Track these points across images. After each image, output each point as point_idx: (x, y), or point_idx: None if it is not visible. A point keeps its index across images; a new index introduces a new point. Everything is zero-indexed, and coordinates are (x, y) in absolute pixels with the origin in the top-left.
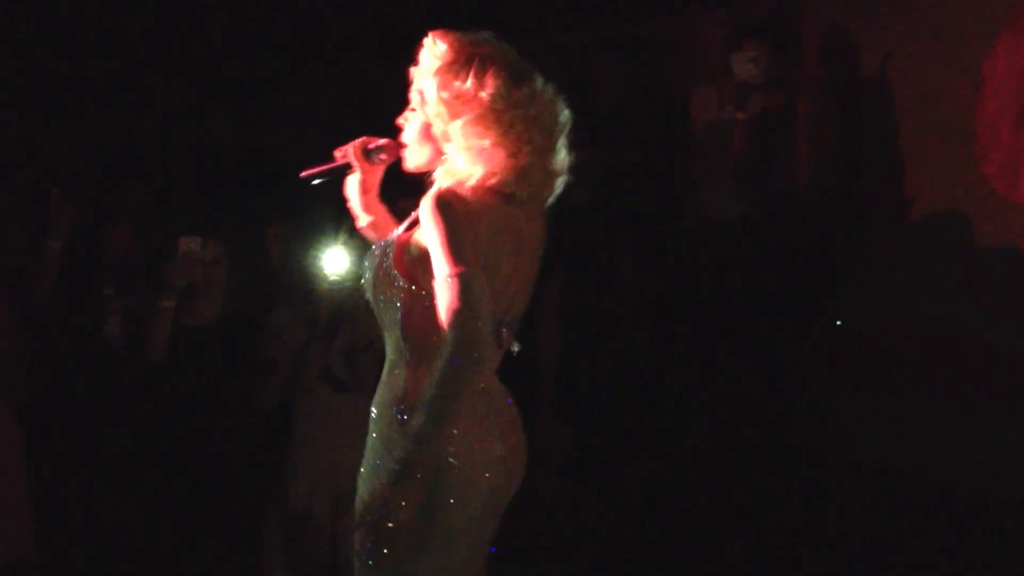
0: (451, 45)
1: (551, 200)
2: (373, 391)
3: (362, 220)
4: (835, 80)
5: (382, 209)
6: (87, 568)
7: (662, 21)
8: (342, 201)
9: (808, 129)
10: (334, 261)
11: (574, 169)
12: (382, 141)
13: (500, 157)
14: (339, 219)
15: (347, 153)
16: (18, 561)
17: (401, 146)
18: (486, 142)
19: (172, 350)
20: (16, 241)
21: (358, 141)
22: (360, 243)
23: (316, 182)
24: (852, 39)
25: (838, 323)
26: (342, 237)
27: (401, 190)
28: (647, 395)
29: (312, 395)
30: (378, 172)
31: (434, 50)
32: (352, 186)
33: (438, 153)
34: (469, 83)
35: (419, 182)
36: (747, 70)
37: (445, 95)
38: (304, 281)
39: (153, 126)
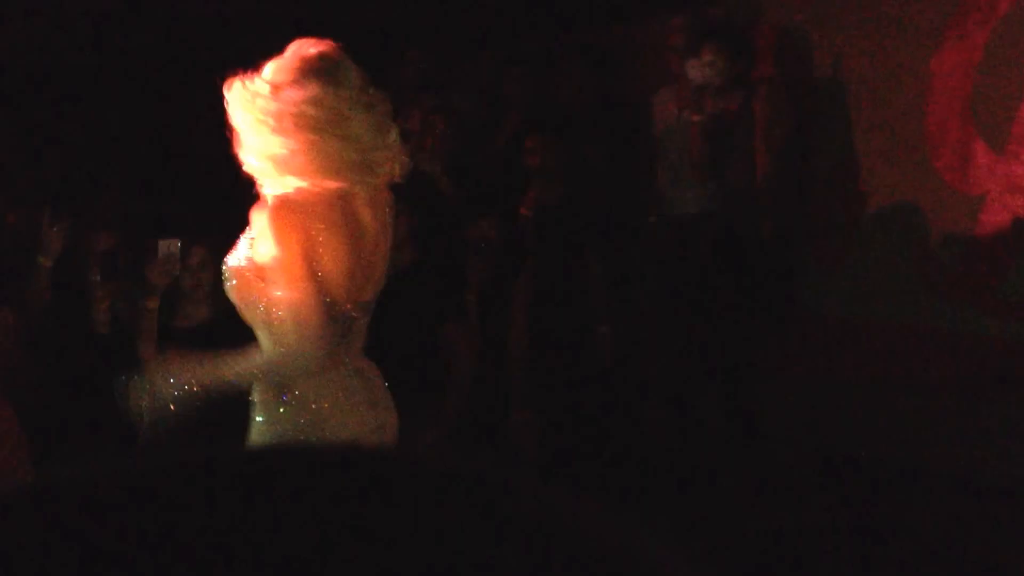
0: (250, 80)
1: (393, 176)
2: None
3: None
4: (789, 79)
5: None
6: None
7: (625, 29)
8: None
9: (764, 128)
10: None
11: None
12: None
13: (317, 158)
14: None
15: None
16: None
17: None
18: (310, 146)
19: (163, 351)
20: (5, 258)
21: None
22: None
23: None
24: (804, 39)
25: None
26: None
27: None
28: (613, 387)
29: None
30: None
31: (237, 93)
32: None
33: (275, 168)
34: (291, 94)
35: None
36: (704, 74)
37: (263, 110)
38: None
39: (139, 131)
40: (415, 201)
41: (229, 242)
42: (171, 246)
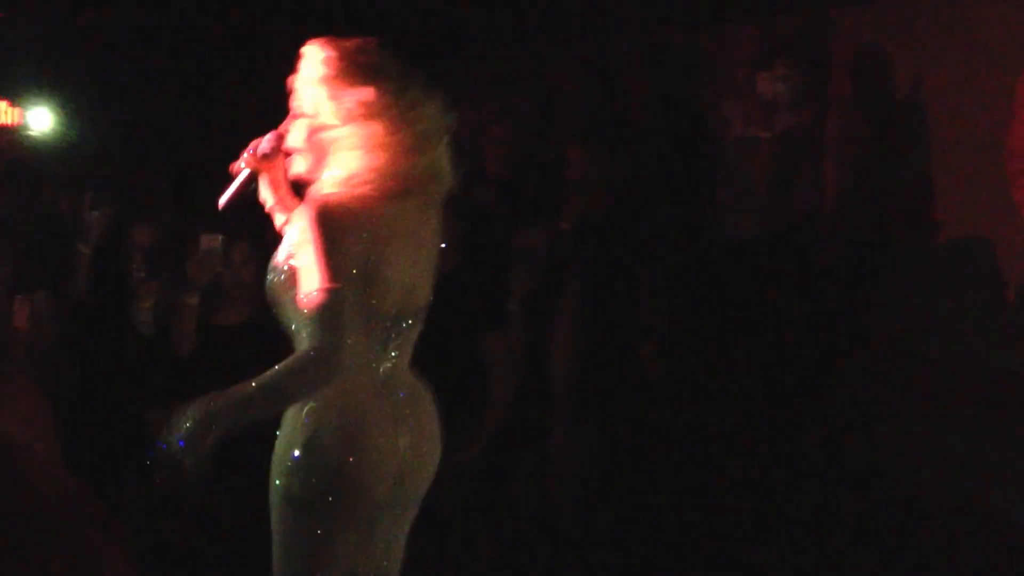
0: (337, 53)
1: (445, 196)
2: None
3: (281, 219)
4: (865, 99)
5: (297, 201)
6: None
7: (692, 37)
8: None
9: (836, 148)
10: None
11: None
12: (267, 137)
13: (383, 159)
14: None
15: (244, 162)
16: None
17: (289, 152)
18: (372, 145)
19: (202, 348)
20: (52, 244)
21: (249, 147)
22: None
23: (224, 200)
24: (883, 57)
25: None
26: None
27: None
28: (666, 412)
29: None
30: (279, 166)
31: (319, 57)
32: (264, 190)
33: (322, 159)
34: (357, 89)
35: None
36: (776, 88)
37: (334, 102)
38: None
39: (186, 123)
40: (458, 205)
41: (273, 239)
42: (213, 241)
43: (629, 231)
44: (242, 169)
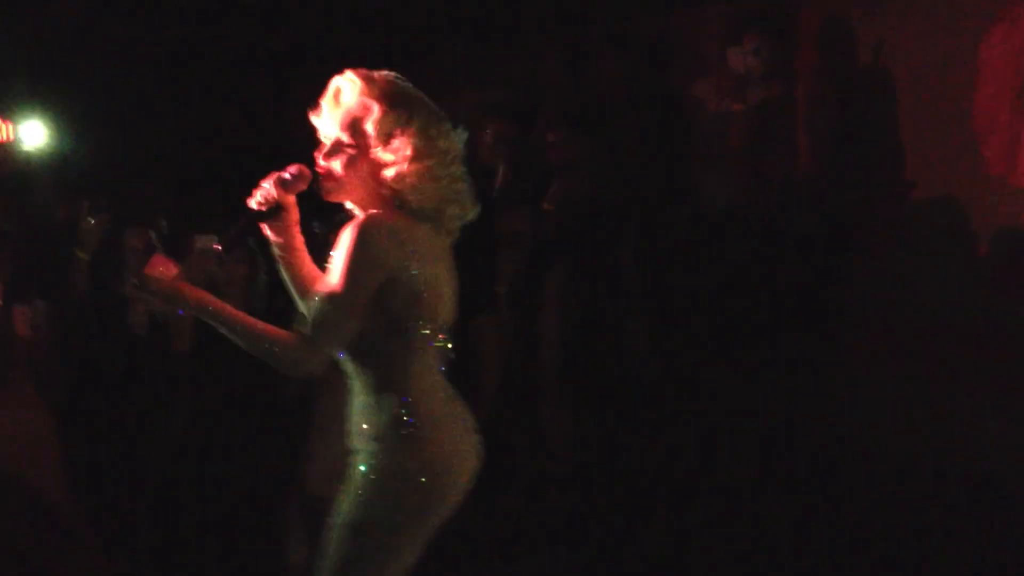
0: (375, 84)
1: (458, 221)
2: None
3: (287, 260)
4: (833, 69)
5: (301, 240)
6: (119, 543)
7: (663, 16)
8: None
9: (807, 118)
10: None
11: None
12: (293, 169)
13: (417, 184)
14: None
15: (265, 197)
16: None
17: (327, 178)
18: (413, 172)
19: (198, 344)
20: (47, 250)
21: (271, 180)
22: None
23: (231, 238)
24: (849, 28)
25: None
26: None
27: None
28: (647, 385)
29: (329, 385)
30: (293, 202)
31: (356, 88)
32: (277, 226)
33: (364, 183)
34: (399, 118)
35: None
36: (747, 62)
37: (378, 129)
38: None
39: (174, 128)
40: None
41: (265, 241)
42: (208, 241)
43: (611, 209)
44: (262, 204)
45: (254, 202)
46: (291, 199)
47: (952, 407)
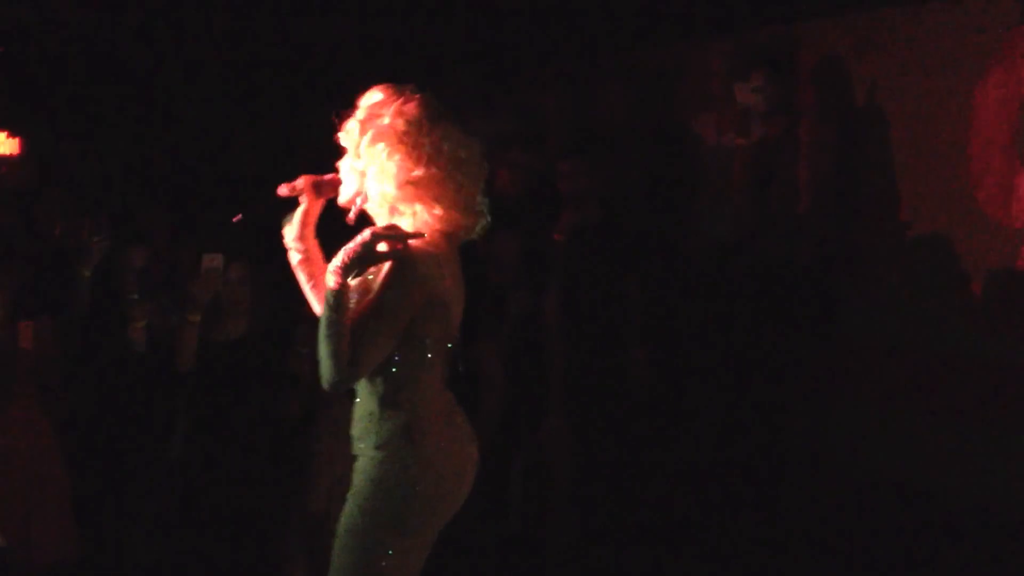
0: (402, 95)
1: (472, 233)
2: None
3: (296, 255)
4: (831, 108)
5: (316, 243)
6: (120, 566)
7: (664, 52)
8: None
9: (807, 155)
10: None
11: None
12: (329, 176)
13: (453, 202)
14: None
15: (296, 188)
16: (60, 561)
17: (351, 185)
18: (435, 179)
19: (201, 364)
20: (48, 268)
21: (307, 176)
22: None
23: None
24: (845, 67)
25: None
26: None
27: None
28: (649, 409)
29: (330, 406)
30: (319, 206)
31: (385, 99)
32: (295, 219)
33: (387, 191)
34: (423, 127)
35: None
36: (751, 98)
37: (403, 137)
38: None
39: (178, 149)
40: None
41: (268, 257)
42: (214, 260)
43: (618, 239)
44: (292, 192)
45: (283, 189)
46: (318, 201)
47: (937, 434)
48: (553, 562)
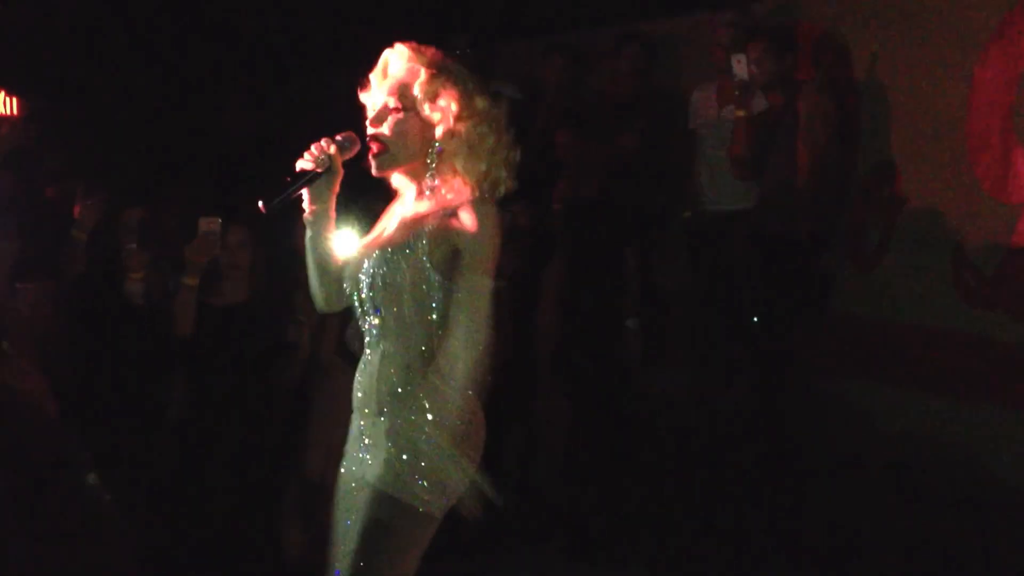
0: (422, 52)
1: (502, 188)
2: None
3: (319, 229)
4: (831, 82)
5: (333, 211)
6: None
7: (665, 22)
8: (356, 187)
9: (806, 128)
10: (344, 243)
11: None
12: (345, 134)
13: (465, 141)
14: (352, 204)
15: (320, 156)
16: None
17: (378, 144)
18: (461, 130)
19: (199, 328)
20: (46, 231)
21: (324, 143)
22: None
23: (280, 200)
24: (845, 40)
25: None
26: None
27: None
28: (640, 382)
29: (327, 371)
30: (340, 168)
31: (406, 55)
32: (323, 191)
33: (414, 147)
34: (445, 81)
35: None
36: (750, 71)
37: (424, 90)
38: None
39: (176, 114)
40: None
41: (267, 222)
42: (212, 224)
43: (615, 210)
44: (309, 168)
45: (305, 162)
46: (339, 164)
47: (931, 410)
48: (545, 536)
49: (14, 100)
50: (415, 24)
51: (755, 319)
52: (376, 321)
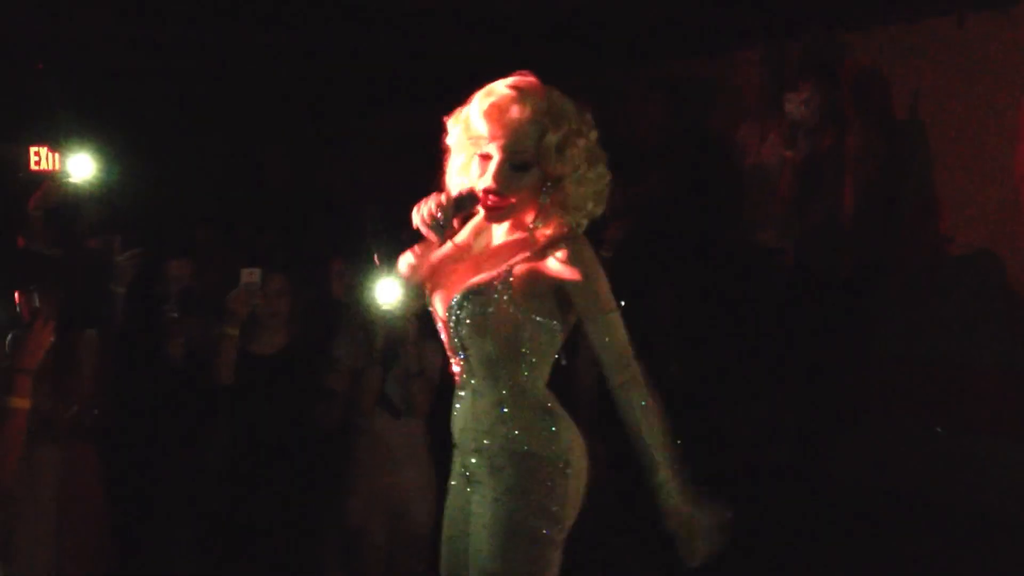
0: (549, 96)
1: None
2: (425, 416)
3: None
4: (877, 119)
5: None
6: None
7: (703, 61)
8: (401, 236)
9: (853, 166)
10: (387, 291)
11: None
12: (466, 191)
13: (583, 188)
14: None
15: (433, 224)
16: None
17: (498, 201)
18: (605, 182)
19: (239, 376)
20: (92, 285)
21: (441, 205)
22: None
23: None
24: (892, 79)
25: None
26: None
27: None
28: (682, 419)
29: (369, 419)
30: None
31: (537, 103)
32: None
33: (531, 198)
34: (590, 137)
35: None
36: (800, 110)
37: (576, 154)
38: (363, 312)
39: (220, 165)
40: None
41: (306, 270)
42: (253, 274)
43: (654, 253)
44: (423, 223)
45: (420, 220)
46: (453, 224)
47: (981, 450)
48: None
49: (56, 156)
50: (444, 68)
51: (798, 359)
52: (464, 359)
